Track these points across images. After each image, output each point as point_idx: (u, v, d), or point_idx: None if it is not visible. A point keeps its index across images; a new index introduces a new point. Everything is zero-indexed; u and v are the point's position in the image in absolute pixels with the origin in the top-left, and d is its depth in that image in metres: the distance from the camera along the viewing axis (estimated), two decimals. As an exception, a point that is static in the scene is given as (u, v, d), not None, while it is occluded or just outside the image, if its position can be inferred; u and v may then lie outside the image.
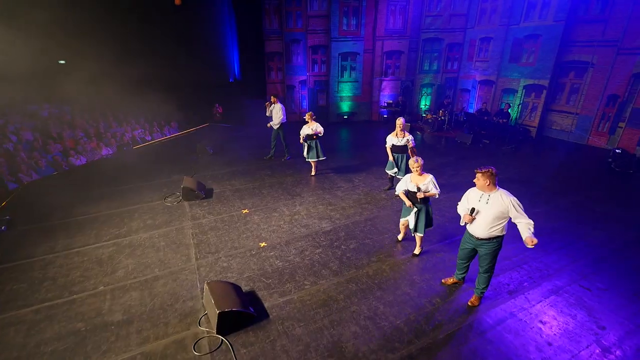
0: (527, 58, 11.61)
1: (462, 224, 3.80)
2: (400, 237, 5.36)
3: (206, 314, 3.82)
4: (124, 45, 13.60)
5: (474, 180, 3.61)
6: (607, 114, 10.29)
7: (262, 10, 13.69)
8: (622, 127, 9.56)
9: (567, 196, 7.03)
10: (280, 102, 8.69)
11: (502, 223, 3.52)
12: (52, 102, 13.56)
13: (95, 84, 13.81)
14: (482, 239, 3.64)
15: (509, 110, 11.62)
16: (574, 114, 11.02)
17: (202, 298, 4.05)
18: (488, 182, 3.47)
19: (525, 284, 4.34)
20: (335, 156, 9.88)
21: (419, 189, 4.48)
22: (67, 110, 13.78)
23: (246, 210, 6.39)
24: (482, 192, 3.58)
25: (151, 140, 12.59)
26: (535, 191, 7.25)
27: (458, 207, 3.89)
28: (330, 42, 13.69)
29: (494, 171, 3.45)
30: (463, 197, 3.84)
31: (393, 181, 7.15)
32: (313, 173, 8.14)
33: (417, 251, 4.96)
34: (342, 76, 14.43)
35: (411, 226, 4.74)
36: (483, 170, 3.48)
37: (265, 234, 5.59)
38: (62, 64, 14.99)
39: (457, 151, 10.42)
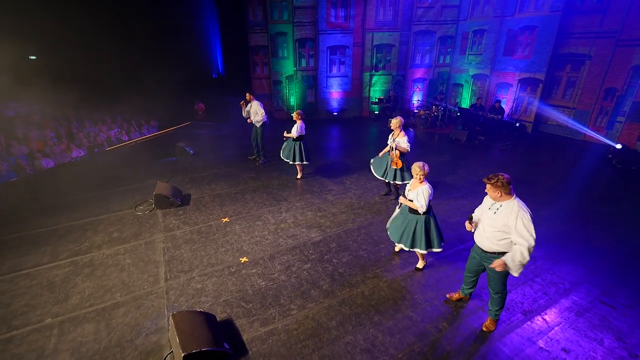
0: (522, 51, 11.20)
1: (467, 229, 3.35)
2: (397, 248, 4.83)
3: (172, 352, 3.19)
4: (100, 40, 12.70)
5: (485, 190, 3.07)
6: (604, 108, 9.97)
7: (245, 2, 12.92)
8: (621, 122, 9.23)
9: (570, 196, 6.61)
10: (257, 99, 7.99)
11: (507, 238, 3.00)
12: (21, 100, 12.54)
13: (68, 81, 12.90)
14: (486, 252, 3.18)
15: (502, 106, 11.21)
16: (570, 108, 10.68)
17: (169, 331, 3.41)
18: (499, 193, 2.94)
19: (541, 301, 3.85)
20: (324, 156, 9.28)
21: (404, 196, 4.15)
22: (36, 110, 12.82)
23: (226, 219, 5.75)
24: (493, 201, 3.07)
25: (128, 140, 11.75)
26: (537, 191, 6.81)
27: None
28: (317, 35, 13.02)
29: (505, 179, 2.89)
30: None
31: (390, 185, 6.51)
32: (299, 177, 7.51)
33: (420, 265, 4.42)
34: (330, 71, 13.78)
35: (406, 246, 4.13)
36: (492, 181, 2.93)
37: (246, 246, 4.96)
38: (33, 59, 14.01)
39: (452, 149, 9.94)
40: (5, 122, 11.19)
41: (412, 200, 3.98)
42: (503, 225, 2.94)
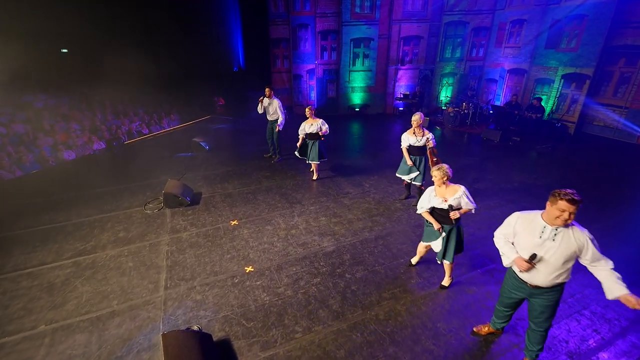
0: (567, 43, 10.09)
1: (506, 265, 2.73)
2: (414, 260, 4.32)
3: (161, 376, 2.90)
4: (123, 33, 12.80)
5: (550, 207, 2.47)
6: (664, 108, 8.79)
7: (267, -8, 12.54)
8: (684, 124, 8.09)
9: (623, 210, 5.77)
10: (277, 95, 7.59)
11: (570, 266, 2.52)
12: (50, 92, 12.91)
13: (94, 73, 13.13)
14: (541, 288, 2.61)
15: (542, 104, 10.19)
16: (622, 107, 9.52)
17: (160, 350, 3.12)
18: (572, 217, 2.45)
19: (591, 341, 3.23)
20: (343, 155, 8.79)
21: (451, 207, 3.43)
22: (64, 102, 13.15)
23: (235, 222, 5.44)
24: (545, 225, 2.49)
25: (148, 133, 11.78)
26: (584, 203, 5.99)
27: (497, 237, 2.79)
28: (341, 26, 12.43)
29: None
30: (506, 224, 2.71)
31: (410, 188, 6.03)
32: (315, 177, 7.05)
33: (446, 282, 3.95)
34: (353, 64, 13.17)
35: (438, 253, 3.73)
36: (576, 198, 2.42)
37: (253, 254, 4.62)
38: (64, 52, 14.39)
39: (483, 150, 9.14)
40: (34, 113, 11.50)
41: (459, 208, 3.47)
42: (570, 253, 2.45)
